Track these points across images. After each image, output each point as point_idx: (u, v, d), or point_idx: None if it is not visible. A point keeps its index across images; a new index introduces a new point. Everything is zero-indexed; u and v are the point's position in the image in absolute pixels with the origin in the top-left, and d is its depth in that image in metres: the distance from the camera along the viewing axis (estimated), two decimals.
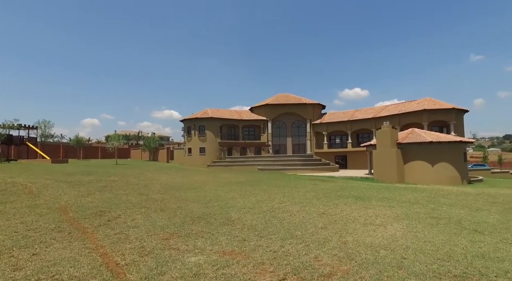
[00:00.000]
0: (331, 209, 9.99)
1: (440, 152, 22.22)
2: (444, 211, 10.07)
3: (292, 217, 8.52)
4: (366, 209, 10.14)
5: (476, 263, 5.04)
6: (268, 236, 6.51)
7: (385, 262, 5.03)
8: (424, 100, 35.02)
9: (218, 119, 41.85)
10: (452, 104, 32.94)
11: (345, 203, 11.31)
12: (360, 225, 7.76)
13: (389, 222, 8.19)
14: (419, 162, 22.57)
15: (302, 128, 44.66)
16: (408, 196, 13.86)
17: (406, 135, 24.30)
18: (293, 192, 14.39)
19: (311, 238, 6.35)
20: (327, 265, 4.84)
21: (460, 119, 33.17)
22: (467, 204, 11.84)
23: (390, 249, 5.74)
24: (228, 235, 6.52)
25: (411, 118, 34.18)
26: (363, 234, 6.82)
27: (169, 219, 8.01)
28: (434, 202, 12.22)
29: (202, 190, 14.60)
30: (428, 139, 22.46)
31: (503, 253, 5.66)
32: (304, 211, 9.52)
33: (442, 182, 21.42)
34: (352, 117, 41.48)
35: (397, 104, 39.99)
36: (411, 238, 6.54)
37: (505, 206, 11.71)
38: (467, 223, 8.27)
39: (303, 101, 44.66)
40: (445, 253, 5.58)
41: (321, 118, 44.61)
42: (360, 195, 13.72)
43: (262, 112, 44.87)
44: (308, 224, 7.71)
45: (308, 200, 11.92)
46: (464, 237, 6.79)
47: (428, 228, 7.59)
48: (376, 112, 39.68)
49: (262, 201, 11.50)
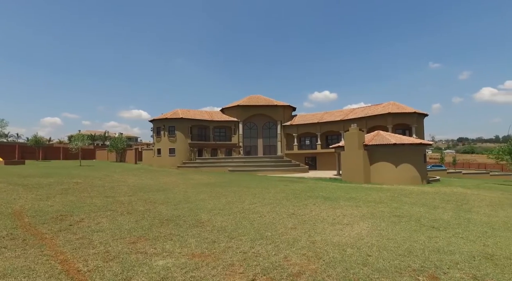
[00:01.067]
0: (300, 209, 10.17)
1: (403, 153, 23.38)
2: (406, 210, 10.62)
3: (262, 218, 8.57)
4: (334, 209, 10.44)
5: (432, 257, 5.38)
6: (238, 237, 6.50)
7: (351, 260, 5.21)
8: (388, 104, 36.69)
9: (189, 119, 41.18)
10: (414, 108, 34.80)
11: (314, 203, 11.57)
12: (328, 224, 7.98)
13: (355, 221, 8.49)
14: (384, 163, 23.59)
15: (273, 129, 45.09)
16: (373, 196, 14.45)
17: (372, 137, 25.32)
18: (263, 193, 14.48)
19: (280, 239, 6.43)
20: (296, 264, 4.92)
21: (420, 123, 35.12)
22: (426, 203, 12.57)
23: (356, 247, 5.96)
24: (198, 237, 6.43)
25: (376, 121, 35.66)
26: (331, 234, 7.01)
27: (137, 222, 7.75)
28: (397, 201, 12.85)
29: (172, 192, 14.29)
30: (392, 141, 23.56)
31: (455, 247, 6.09)
32: (274, 212, 9.62)
33: (405, 182, 22.55)
34: (321, 119, 42.53)
35: (364, 107, 41.58)
36: (375, 236, 6.83)
37: (457, 204, 12.59)
38: (426, 220, 8.78)
39: (274, 103, 45.12)
40: (406, 249, 5.88)
41: (291, 120, 45.30)
42: (328, 195, 14.10)
43: (234, 113, 44.77)
44: (278, 224, 7.80)
45: (278, 201, 12.05)
46: (423, 233, 7.20)
47: (391, 226, 7.96)
48: (344, 115, 40.99)
49: (232, 202, 11.47)
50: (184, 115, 41.44)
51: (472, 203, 13.08)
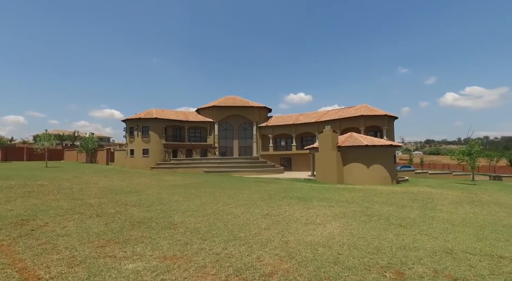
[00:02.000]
0: (274, 210, 10.24)
1: (374, 155, 24.19)
2: (376, 209, 10.99)
3: (236, 219, 8.55)
4: (308, 209, 10.60)
5: (399, 254, 5.60)
6: (212, 238, 6.45)
7: (323, 258, 5.31)
8: (361, 106, 37.83)
9: (163, 120, 40.34)
10: (385, 111, 36.10)
11: (289, 204, 11.69)
12: (302, 224, 8.09)
13: (328, 221, 8.67)
14: (356, 164, 24.29)
15: (248, 130, 45.15)
16: (346, 196, 14.83)
17: (345, 139, 26.00)
18: (238, 194, 14.45)
19: (254, 239, 6.44)
20: (268, 264, 4.95)
21: (391, 125, 36.49)
22: (395, 202, 13.08)
23: (328, 246, 6.08)
24: (170, 239, 6.31)
25: (350, 123, 36.65)
26: (304, 233, 7.11)
27: (106, 225, 7.48)
28: (368, 201, 13.27)
29: (145, 193, 13.93)
30: (364, 143, 24.31)
31: (419, 243, 6.38)
32: (249, 212, 9.63)
33: (376, 182, 23.34)
34: (296, 120, 43.11)
35: (338, 109, 42.60)
36: (347, 235, 7.01)
37: (423, 202, 13.21)
38: (394, 219, 9.13)
39: (250, 104, 45.21)
40: (375, 247, 6.08)
41: (267, 121, 45.57)
42: (302, 196, 14.31)
43: (209, 114, 44.40)
44: (252, 225, 7.81)
45: (253, 201, 12.08)
46: (391, 231, 7.48)
47: (362, 225, 8.21)
48: (319, 117, 41.80)
49: (206, 203, 11.36)
50: (158, 115, 40.55)
51: (436, 201, 13.76)
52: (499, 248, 6.27)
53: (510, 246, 6.48)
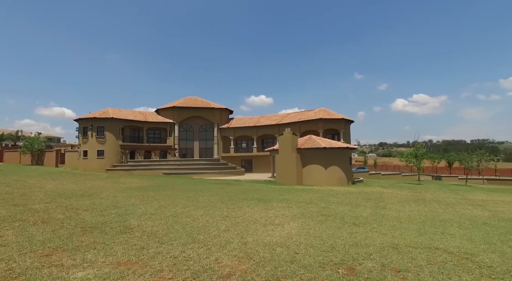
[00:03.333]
0: (234, 211, 10.26)
1: (332, 157, 25.22)
2: (333, 209, 11.47)
3: (196, 221, 8.44)
4: (267, 210, 10.77)
5: (351, 251, 5.92)
6: (169, 242, 6.30)
7: (280, 258, 5.44)
8: (320, 110, 39.24)
9: (120, 120, 38.54)
10: (342, 115, 37.79)
11: (248, 205, 11.78)
12: (261, 225, 8.20)
13: (286, 221, 8.88)
14: (315, 165, 25.14)
15: (209, 132, 44.72)
16: (304, 196, 15.29)
17: (304, 141, 26.80)
18: (198, 196, 14.26)
19: (213, 241, 6.41)
20: (226, 266, 4.96)
21: (347, 128, 38.29)
22: (350, 202, 13.75)
23: (285, 246, 6.24)
24: (125, 244, 6.06)
25: (309, 126, 37.83)
26: (263, 234, 7.22)
27: (53, 232, 6.97)
28: (326, 201, 13.81)
29: (98, 197, 13.19)
30: (322, 145, 25.25)
31: (370, 240, 6.80)
32: (208, 214, 9.55)
33: (333, 183, 24.33)
34: (257, 123, 43.55)
35: (298, 112, 43.77)
36: (304, 235, 7.24)
37: (375, 202, 14.06)
38: (349, 218, 9.61)
39: (211, 105, 44.84)
40: (330, 245, 6.36)
41: (228, 122, 45.49)
42: (262, 197, 14.49)
43: (169, 115, 43.27)
44: (211, 227, 7.76)
45: (213, 203, 11.99)
46: (345, 230, 7.87)
47: (318, 224, 8.52)
48: (279, 119, 42.61)
49: (165, 206, 11.06)
50: (115, 115, 38.66)
51: (387, 201, 14.71)
52: (436, 241, 6.90)
53: (444, 239, 7.16)
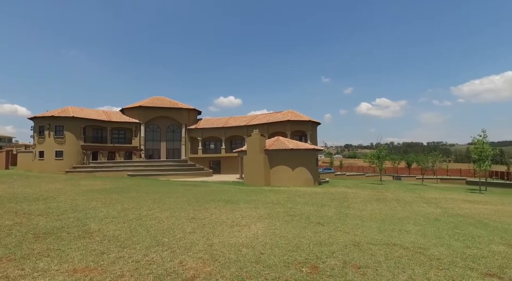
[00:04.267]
0: (201, 213, 10.15)
1: (299, 158, 25.73)
2: (299, 209, 11.72)
3: (161, 224, 8.24)
4: (234, 211, 10.77)
5: (315, 250, 6.09)
6: (132, 245, 6.10)
7: (246, 259, 5.47)
8: (288, 112, 39.92)
9: (82, 119, 36.64)
10: (309, 117, 38.73)
11: (216, 206, 11.71)
12: (227, 227, 8.19)
13: (253, 222, 8.94)
14: (282, 167, 25.51)
15: (177, 132, 43.85)
16: (271, 197, 15.46)
17: (272, 143, 27.12)
18: (164, 198, 13.94)
19: (178, 244, 6.30)
20: (191, 268, 4.90)
21: (314, 130, 39.30)
22: (316, 202, 14.12)
23: (251, 246, 6.28)
24: (84, 250, 5.76)
25: (277, 127, 38.34)
26: (229, 235, 7.21)
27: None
28: (292, 201, 14.07)
29: (55, 201, 12.43)
30: (289, 147, 25.70)
31: (333, 239, 7.04)
32: (174, 217, 9.36)
33: (300, 184, 24.84)
34: (226, 124, 43.41)
35: (266, 114, 44.22)
36: (270, 235, 7.33)
37: (340, 201, 14.57)
38: (314, 218, 9.87)
39: (179, 106, 44.00)
40: (295, 244, 6.50)
41: (196, 123, 44.90)
42: (230, 198, 14.46)
43: (135, 114, 41.84)
44: (176, 230, 7.62)
45: (179, 205, 11.78)
46: (310, 229, 8.07)
47: (284, 224, 8.67)
48: (248, 120, 42.77)
49: (129, 209, 10.68)
50: (76, 113, 36.70)
51: (351, 200, 15.29)
52: (394, 238, 7.30)
53: (401, 235, 7.60)
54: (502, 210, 13.38)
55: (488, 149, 26.80)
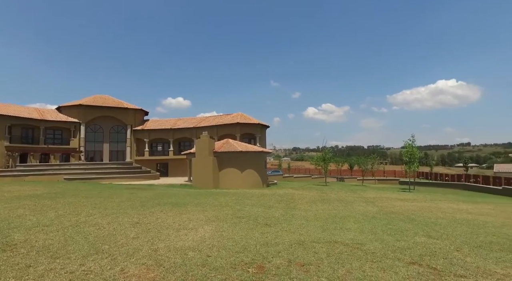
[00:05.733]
0: (146, 217, 9.74)
1: (247, 160, 26.02)
2: (247, 211, 11.83)
3: (101, 230, 7.73)
4: (181, 214, 10.52)
5: (262, 250, 6.22)
6: (66, 255, 5.62)
7: (192, 262, 5.38)
8: (237, 114, 40.16)
9: (7, 116, 32.79)
10: (258, 120, 39.42)
11: (162, 210, 11.32)
12: (174, 230, 7.97)
13: (200, 225, 8.82)
14: (231, 169, 25.56)
15: (122, 133, 41.48)
16: (220, 200, 15.39)
17: (221, 145, 27.05)
18: (106, 202, 13.08)
19: (119, 250, 5.97)
20: (133, 275, 4.68)
21: (263, 133, 40.09)
22: (263, 203, 14.38)
23: (198, 250, 6.19)
24: (3, 265, 5.10)
25: (226, 130, 38.36)
26: (175, 239, 7.03)
27: None
28: (240, 203, 14.15)
29: None
30: (239, 149, 25.87)
31: (280, 239, 7.26)
32: (116, 222, 8.84)
33: (248, 186, 25.10)
34: (174, 125, 42.23)
35: (216, 116, 44.01)
36: (217, 238, 7.30)
37: (287, 203, 15.03)
38: (261, 219, 10.05)
39: (125, 106, 41.72)
40: (242, 246, 6.56)
41: (143, 124, 42.98)
42: (177, 201, 14.09)
43: (74, 113, 38.65)
44: (118, 235, 7.21)
45: (122, 210, 11.15)
46: (258, 230, 8.21)
47: (232, 226, 8.69)
48: (197, 122, 42.12)
49: (64, 215, 9.81)
50: (0, 110, 32.73)
51: (297, 201, 15.87)
52: (335, 235, 7.76)
53: (342, 233, 8.11)
54: (426, 206, 14.98)
55: (416, 152, 29.83)
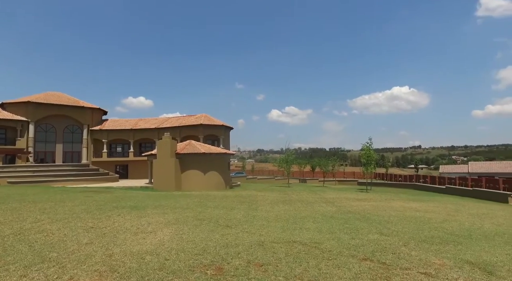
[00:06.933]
0: (102, 222, 9.28)
1: (211, 162, 25.77)
2: (208, 213, 11.72)
3: (49, 237, 7.22)
4: (140, 218, 10.17)
5: (221, 252, 6.20)
6: (4, 266, 5.16)
7: (149, 267, 5.23)
8: (201, 116, 39.66)
9: None
10: (222, 122, 39.22)
11: (119, 214, 10.86)
12: (131, 234, 7.69)
13: (160, 228, 8.59)
14: (194, 171, 25.16)
15: (77, 133, 39.08)
16: (182, 202, 15.09)
17: (184, 146, 26.54)
18: (57, 207, 12.25)
19: (69, 258, 5.63)
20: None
21: (227, 135, 39.95)
22: (226, 205, 14.33)
23: (155, 253, 6.03)
24: None
25: (190, 131, 37.70)
26: (132, 243, 6.78)
27: None
28: (202, 206, 13.98)
29: None
30: (201, 151, 25.54)
31: (240, 240, 7.29)
32: (68, 227, 8.32)
33: (211, 188, 24.86)
34: (135, 126, 40.69)
35: (179, 117, 43.10)
36: (176, 241, 7.15)
37: (249, 204, 15.12)
38: (223, 221, 10.01)
39: (81, 104, 39.36)
40: (201, 248, 6.49)
41: (101, 124, 40.85)
42: (136, 204, 13.60)
43: (22, 111, 35.68)
44: (69, 242, 6.79)
45: (75, 214, 10.51)
46: (218, 232, 8.17)
47: (193, 229, 8.56)
48: (159, 123, 40.93)
49: (4, 223, 9.00)
50: None
51: (259, 203, 16.01)
52: (295, 235, 7.95)
53: (301, 233, 8.34)
54: (380, 206, 15.86)
55: (373, 155, 31.48)
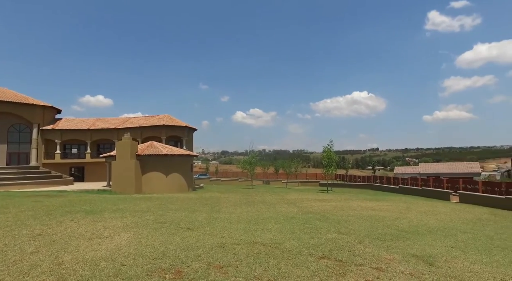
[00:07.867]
0: (51, 228, 8.68)
1: (173, 164, 25.15)
2: (170, 216, 11.44)
3: None
4: (96, 222, 9.67)
5: (181, 255, 6.09)
6: None
7: (103, 273, 4.99)
8: (163, 116, 38.55)
9: None
10: (186, 123, 38.43)
11: (72, 219, 10.23)
12: (85, 240, 7.28)
13: (117, 232, 8.23)
14: (155, 173, 24.39)
15: (25, 133, 36.05)
16: (142, 205, 14.58)
17: (145, 148, 25.64)
18: None
19: (10, 269, 5.16)
20: None
21: (191, 136, 39.21)
22: (188, 208, 14.09)
23: (111, 259, 5.76)
24: None
25: (152, 132, 36.47)
26: (86, 250, 6.43)
27: None
28: (163, 208, 13.62)
29: None
30: (164, 152, 24.85)
31: (201, 243, 7.21)
32: (10, 236, 7.66)
33: (173, 190, 24.26)
34: (93, 125, 38.53)
35: (140, 117, 41.56)
36: (134, 245, 6.89)
37: (211, 206, 15.00)
38: (184, 223, 9.83)
39: (30, 101, 36.35)
40: (161, 252, 6.32)
41: (54, 123, 38.13)
42: (92, 209, 12.91)
43: None
44: (11, 251, 6.24)
45: (20, 221, 9.71)
46: (179, 235, 8.01)
47: (152, 232, 8.31)
48: (119, 123, 39.15)
49: None
50: None
51: (222, 204, 15.94)
52: (256, 236, 8.02)
53: (262, 234, 8.43)
54: (339, 206, 16.52)
55: (334, 156, 32.68)
